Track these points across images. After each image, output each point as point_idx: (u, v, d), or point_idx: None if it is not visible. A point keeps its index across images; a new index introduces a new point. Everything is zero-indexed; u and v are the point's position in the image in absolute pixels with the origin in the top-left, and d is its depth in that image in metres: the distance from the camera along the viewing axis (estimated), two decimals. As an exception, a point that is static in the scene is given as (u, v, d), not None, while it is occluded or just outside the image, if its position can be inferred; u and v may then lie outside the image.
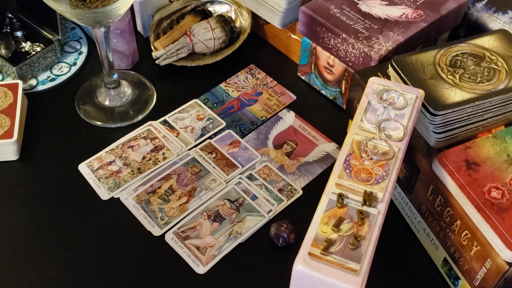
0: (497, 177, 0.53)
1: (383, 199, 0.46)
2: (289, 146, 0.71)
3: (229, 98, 0.77)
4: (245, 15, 0.82)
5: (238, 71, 0.81)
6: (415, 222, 0.62)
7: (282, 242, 0.60)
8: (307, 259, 0.42)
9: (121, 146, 0.70)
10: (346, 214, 0.45)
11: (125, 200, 0.65)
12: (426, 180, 0.57)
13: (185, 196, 0.65)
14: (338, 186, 0.47)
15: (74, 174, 0.68)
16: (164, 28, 0.82)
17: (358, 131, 0.51)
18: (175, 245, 0.61)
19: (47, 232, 0.63)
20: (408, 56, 0.61)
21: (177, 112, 0.75)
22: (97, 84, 0.78)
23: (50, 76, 0.78)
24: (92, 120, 0.74)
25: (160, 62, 0.77)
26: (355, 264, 0.42)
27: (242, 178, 0.67)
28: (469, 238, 0.53)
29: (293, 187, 0.67)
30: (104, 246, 0.61)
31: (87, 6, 0.60)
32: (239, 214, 0.64)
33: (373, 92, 0.54)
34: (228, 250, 0.61)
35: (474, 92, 0.57)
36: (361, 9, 0.71)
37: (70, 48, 0.82)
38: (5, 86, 0.73)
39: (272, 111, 0.75)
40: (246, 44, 0.82)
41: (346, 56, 0.69)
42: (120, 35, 0.76)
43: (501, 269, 0.50)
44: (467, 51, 0.61)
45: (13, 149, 0.68)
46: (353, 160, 0.48)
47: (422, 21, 0.70)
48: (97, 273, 0.59)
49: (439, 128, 0.56)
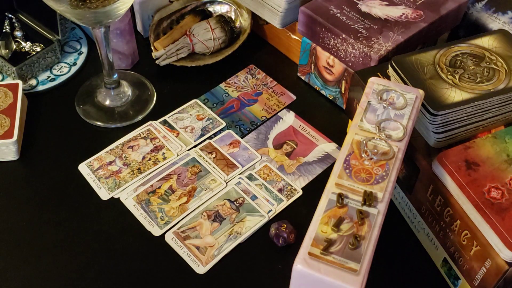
0: (497, 177, 0.53)
1: (383, 199, 0.46)
2: (289, 146, 0.71)
3: (229, 98, 0.77)
4: (245, 15, 0.82)
5: (238, 71, 0.81)
6: (415, 222, 0.62)
7: (282, 242, 0.61)
8: (307, 259, 0.42)
9: (121, 146, 0.70)
10: (346, 214, 0.45)
11: (125, 200, 0.65)
12: (426, 180, 0.57)
13: (185, 196, 0.65)
14: (338, 186, 0.47)
15: (74, 174, 0.68)
16: (164, 28, 0.82)
17: (358, 131, 0.51)
18: (175, 245, 0.61)
19: (47, 232, 0.63)
20: (408, 56, 0.61)
21: (177, 112, 0.75)
22: (97, 84, 0.78)
23: (50, 76, 0.78)
24: (92, 120, 0.74)
25: (160, 62, 0.77)
26: (355, 264, 0.42)
27: (242, 178, 0.67)
28: (469, 238, 0.53)
29: (293, 187, 0.67)
30: (104, 246, 0.61)
31: (87, 6, 0.60)
32: (239, 214, 0.64)
33: (373, 92, 0.54)
34: (228, 250, 0.61)
35: (473, 92, 0.57)
36: (361, 9, 0.71)
37: (70, 48, 0.82)
38: (5, 86, 0.73)
39: (272, 111, 0.75)
40: (246, 44, 0.82)
41: (346, 56, 0.69)
42: (120, 35, 0.76)
43: (501, 269, 0.50)
44: (467, 51, 0.61)
45: (13, 149, 0.68)
46: (353, 160, 0.48)
47: (422, 21, 0.70)
48: (97, 273, 0.59)
49: (439, 128, 0.56)
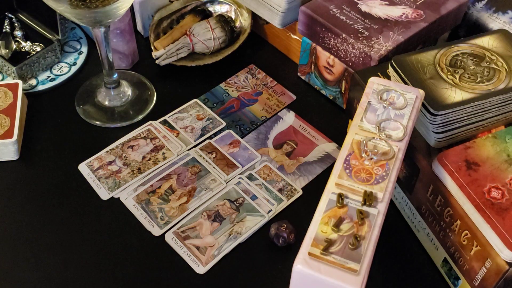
0: (497, 177, 0.53)
1: (383, 199, 0.46)
2: (289, 146, 0.71)
3: (229, 98, 0.77)
4: (245, 15, 0.82)
5: (238, 71, 0.81)
6: (415, 222, 0.62)
7: (282, 242, 0.60)
8: (307, 259, 0.42)
9: (121, 146, 0.70)
10: (346, 214, 0.45)
11: (125, 200, 0.65)
12: (426, 180, 0.57)
13: (185, 196, 0.65)
14: (338, 186, 0.47)
15: (74, 174, 0.68)
16: (164, 28, 0.82)
17: (358, 131, 0.51)
18: (175, 245, 0.61)
19: (47, 232, 0.63)
20: (408, 56, 0.61)
21: (177, 112, 0.75)
22: (97, 84, 0.78)
23: (50, 76, 0.78)
24: (92, 120, 0.74)
25: (160, 62, 0.77)
26: (355, 264, 0.42)
27: (242, 178, 0.67)
28: (469, 238, 0.53)
29: (293, 187, 0.67)
30: (104, 246, 0.61)
31: (87, 6, 0.60)
32: (239, 214, 0.64)
33: (373, 92, 0.54)
34: (228, 250, 0.61)
35: (474, 92, 0.57)
36: (361, 9, 0.71)
37: (70, 48, 0.82)
38: (5, 86, 0.73)
39: (272, 111, 0.75)
40: (246, 44, 0.82)
41: (346, 56, 0.69)
42: (120, 35, 0.76)
43: (501, 269, 0.50)
44: (467, 51, 0.61)
45: (13, 149, 0.68)
46: (353, 160, 0.48)
47: (422, 21, 0.70)
48: (97, 273, 0.59)
49: (439, 128, 0.56)
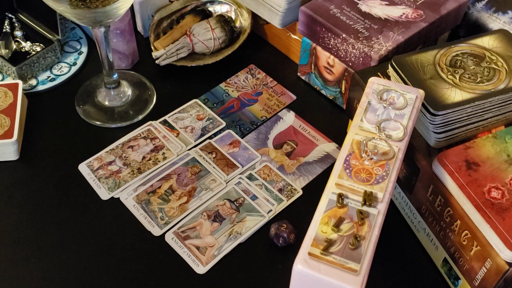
0: (497, 177, 0.53)
1: (383, 199, 0.46)
2: (289, 146, 0.71)
3: (229, 98, 0.77)
4: (245, 15, 0.82)
5: (238, 71, 0.81)
6: (415, 222, 0.62)
7: (282, 242, 0.60)
8: (307, 259, 0.42)
9: (121, 146, 0.70)
10: (346, 214, 0.45)
11: (125, 200, 0.65)
12: (426, 180, 0.57)
13: (185, 196, 0.65)
14: (338, 186, 0.47)
15: (74, 174, 0.68)
16: (164, 28, 0.82)
17: (358, 131, 0.51)
18: (175, 245, 0.61)
19: (47, 232, 0.63)
20: (408, 56, 0.61)
21: (177, 112, 0.75)
22: (97, 84, 0.78)
23: (50, 76, 0.78)
24: (92, 120, 0.74)
25: (160, 62, 0.77)
26: (355, 264, 0.42)
27: (242, 178, 0.67)
28: (469, 238, 0.53)
29: (293, 187, 0.67)
30: (104, 246, 0.61)
31: (87, 6, 0.60)
32: (239, 214, 0.64)
33: (373, 92, 0.54)
34: (228, 250, 0.61)
35: (474, 92, 0.57)
36: (361, 9, 0.71)
37: (70, 48, 0.82)
38: (5, 86, 0.73)
39: (272, 111, 0.75)
40: (246, 44, 0.82)
41: (346, 56, 0.69)
42: (120, 35, 0.76)
43: (501, 269, 0.50)
44: (467, 51, 0.61)
45: (13, 149, 0.68)
46: (353, 160, 0.48)
47: (422, 21, 0.70)
48: (97, 273, 0.59)
49: (439, 128, 0.56)
